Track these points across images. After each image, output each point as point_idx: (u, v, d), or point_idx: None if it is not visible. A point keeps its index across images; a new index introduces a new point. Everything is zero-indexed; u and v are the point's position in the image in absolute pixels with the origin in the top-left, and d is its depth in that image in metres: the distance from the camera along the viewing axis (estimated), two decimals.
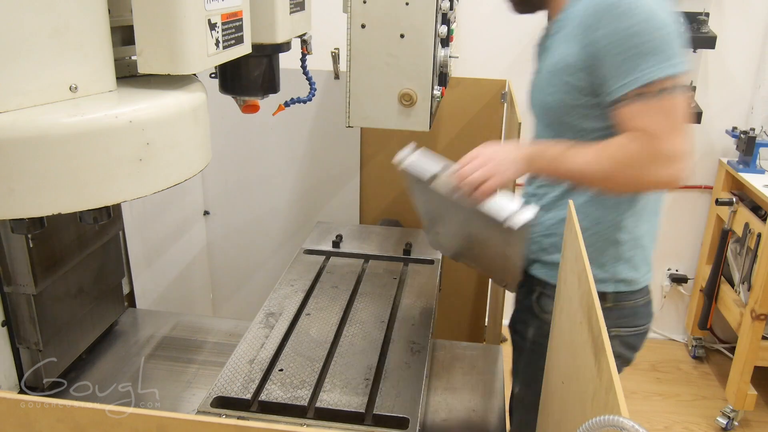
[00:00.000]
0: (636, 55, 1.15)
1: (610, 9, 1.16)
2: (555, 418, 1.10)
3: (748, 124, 2.74)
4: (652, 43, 1.14)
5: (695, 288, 3.01)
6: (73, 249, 1.54)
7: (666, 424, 2.63)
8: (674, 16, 1.18)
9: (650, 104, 1.15)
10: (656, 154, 1.15)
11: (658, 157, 1.15)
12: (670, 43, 1.15)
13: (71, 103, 0.88)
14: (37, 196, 0.84)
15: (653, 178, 1.18)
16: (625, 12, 1.15)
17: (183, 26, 0.94)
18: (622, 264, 1.35)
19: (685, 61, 1.17)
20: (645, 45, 1.14)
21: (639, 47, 1.14)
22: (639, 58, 1.15)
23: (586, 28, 1.21)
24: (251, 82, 1.31)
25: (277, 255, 2.68)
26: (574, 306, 0.97)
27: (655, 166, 1.16)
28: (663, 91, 1.15)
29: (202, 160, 1.05)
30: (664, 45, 1.14)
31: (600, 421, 0.66)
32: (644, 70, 1.15)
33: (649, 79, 1.15)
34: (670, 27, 1.16)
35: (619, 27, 1.16)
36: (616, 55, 1.17)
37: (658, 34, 1.14)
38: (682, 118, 1.17)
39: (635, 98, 1.16)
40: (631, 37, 1.15)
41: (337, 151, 2.46)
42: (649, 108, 1.15)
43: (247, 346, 1.49)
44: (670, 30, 1.15)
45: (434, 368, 1.67)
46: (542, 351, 1.41)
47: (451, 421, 1.49)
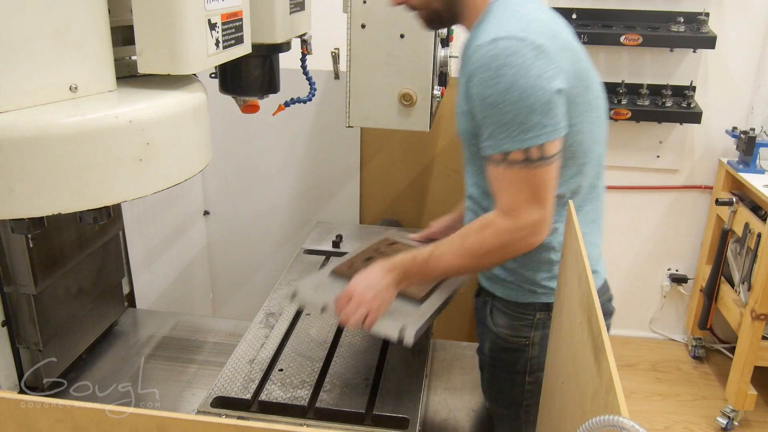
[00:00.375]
0: (494, 123, 1.15)
1: (480, 71, 1.14)
2: (555, 418, 1.10)
3: (748, 124, 2.74)
4: (508, 115, 1.13)
5: (695, 288, 3.01)
6: (73, 249, 1.54)
7: (666, 424, 2.63)
8: (551, 71, 1.13)
9: (506, 174, 1.17)
10: (510, 235, 1.20)
11: (512, 236, 1.20)
12: (530, 115, 1.12)
13: (71, 103, 0.88)
14: (37, 196, 0.84)
15: (512, 253, 1.24)
16: (489, 80, 1.13)
17: (183, 26, 0.94)
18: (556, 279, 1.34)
19: (549, 129, 1.14)
20: (503, 116, 1.14)
21: (497, 117, 1.14)
22: (496, 126, 1.15)
23: (466, 77, 1.21)
24: (251, 82, 1.31)
25: (277, 255, 2.68)
26: (574, 306, 0.97)
27: (512, 245, 1.21)
28: (517, 163, 1.16)
29: (202, 160, 1.05)
30: (520, 117, 1.13)
31: (600, 421, 0.66)
32: (501, 140, 1.15)
33: (504, 150, 1.16)
34: (532, 96, 1.12)
35: (483, 93, 1.15)
36: (482, 117, 1.17)
37: (513, 108, 1.12)
38: (537, 189, 1.17)
39: (495, 163, 1.18)
40: (490, 107, 1.14)
41: (337, 151, 2.46)
42: (504, 177, 1.18)
43: (247, 346, 1.49)
44: (531, 101, 1.12)
45: (434, 368, 1.67)
46: (501, 365, 1.42)
47: (451, 421, 1.49)
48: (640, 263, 3.04)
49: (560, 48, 1.16)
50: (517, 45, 1.12)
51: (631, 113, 2.59)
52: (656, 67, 2.69)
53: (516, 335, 1.37)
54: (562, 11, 2.60)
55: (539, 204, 1.18)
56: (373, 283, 1.26)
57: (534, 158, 1.15)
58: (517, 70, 1.11)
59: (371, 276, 1.27)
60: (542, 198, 1.18)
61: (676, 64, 2.68)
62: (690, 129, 2.77)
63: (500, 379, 1.44)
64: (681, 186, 2.90)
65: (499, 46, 1.12)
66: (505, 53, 1.12)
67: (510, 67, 1.11)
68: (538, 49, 1.12)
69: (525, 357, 1.37)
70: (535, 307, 1.34)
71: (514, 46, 1.12)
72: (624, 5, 2.60)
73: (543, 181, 1.17)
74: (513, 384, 1.40)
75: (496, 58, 1.12)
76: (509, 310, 1.37)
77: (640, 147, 2.80)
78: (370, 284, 1.26)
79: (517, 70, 1.11)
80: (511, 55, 1.11)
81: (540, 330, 1.35)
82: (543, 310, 1.34)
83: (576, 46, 1.22)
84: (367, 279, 1.26)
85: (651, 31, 2.52)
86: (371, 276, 1.27)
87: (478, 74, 1.15)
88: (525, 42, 1.12)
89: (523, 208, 1.18)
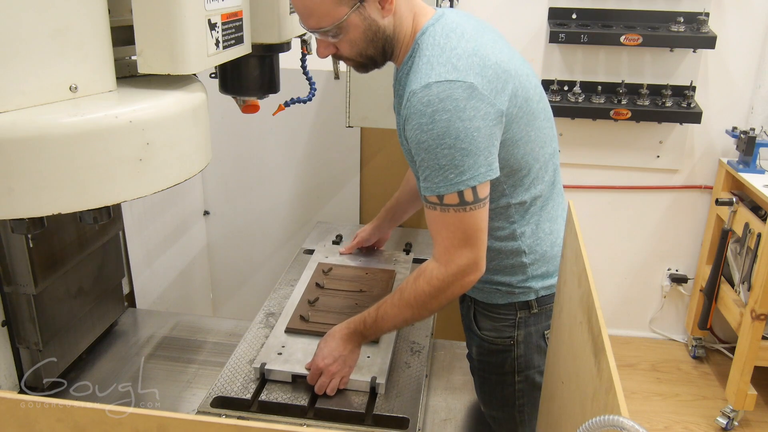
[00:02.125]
0: (430, 167, 1.16)
1: (416, 117, 1.14)
2: (555, 418, 1.10)
3: (748, 124, 2.74)
4: (444, 159, 1.14)
5: (695, 288, 3.01)
6: (73, 249, 1.54)
7: (666, 424, 2.63)
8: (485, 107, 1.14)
9: (441, 217, 1.19)
10: (442, 281, 1.22)
11: (445, 282, 1.22)
12: (465, 158, 1.13)
13: (71, 103, 0.88)
14: (37, 196, 0.84)
15: (449, 297, 1.25)
16: (424, 125, 1.13)
17: (183, 26, 0.94)
18: (532, 280, 1.36)
19: (483, 170, 1.16)
20: (439, 160, 1.14)
21: (433, 161, 1.15)
22: (432, 170, 1.16)
23: (402, 117, 1.20)
24: (251, 82, 1.31)
25: (277, 255, 2.68)
26: (574, 306, 0.97)
27: (445, 290, 1.23)
28: (452, 206, 1.17)
29: (202, 160, 1.05)
30: (456, 161, 1.13)
31: (600, 421, 0.66)
32: (437, 183, 1.16)
33: (439, 193, 1.17)
34: (467, 139, 1.13)
35: (419, 137, 1.15)
36: (418, 159, 1.18)
37: (449, 152, 1.13)
38: (470, 231, 1.19)
39: (431, 205, 1.20)
40: (426, 151, 1.15)
41: (337, 151, 2.46)
42: (439, 220, 1.20)
43: (247, 346, 1.49)
44: (466, 144, 1.13)
45: (434, 368, 1.67)
46: (489, 368, 1.43)
47: (451, 421, 1.49)
48: (640, 263, 3.04)
49: (491, 78, 1.16)
50: (449, 88, 1.12)
51: (631, 113, 2.59)
52: (656, 67, 2.69)
53: (500, 336, 1.39)
54: (562, 11, 2.62)
55: (471, 246, 1.20)
56: (337, 355, 1.32)
57: (468, 201, 1.17)
58: (450, 114, 1.12)
59: (334, 349, 1.33)
60: (474, 240, 1.20)
61: (676, 64, 2.68)
62: (690, 129, 2.77)
63: (491, 381, 1.45)
64: (681, 186, 2.90)
65: (433, 91, 1.13)
66: (438, 98, 1.12)
67: (444, 112, 1.12)
68: (470, 89, 1.13)
69: (512, 357, 1.39)
70: (515, 307, 1.37)
71: (446, 89, 1.12)
72: (624, 5, 2.60)
73: (476, 223, 1.19)
74: (504, 385, 1.42)
75: (430, 104, 1.13)
76: (491, 312, 1.39)
77: (640, 147, 2.80)
78: (335, 357, 1.32)
79: (450, 114, 1.12)
80: (444, 99, 1.12)
81: (523, 329, 1.37)
82: (523, 308, 1.37)
83: (508, 65, 1.21)
84: (332, 353, 1.32)
85: (651, 31, 2.52)
86: (334, 349, 1.33)
87: (413, 119, 1.15)
88: (456, 84, 1.13)
89: (455, 252, 1.21)
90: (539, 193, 1.31)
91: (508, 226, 1.32)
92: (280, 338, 1.46)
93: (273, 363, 1.37)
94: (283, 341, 1.44)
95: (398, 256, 1.88)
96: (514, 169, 1.26)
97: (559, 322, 1.17)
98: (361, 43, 1.21)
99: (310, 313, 1.52)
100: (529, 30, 2.68)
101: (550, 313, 1.38)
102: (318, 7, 1.15)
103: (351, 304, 1.58)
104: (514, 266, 1.35)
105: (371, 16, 1.18)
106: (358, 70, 1.32)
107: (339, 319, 1.51)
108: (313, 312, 1.54)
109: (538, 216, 1.33)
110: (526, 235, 1.33)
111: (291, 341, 1.44)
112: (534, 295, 1.36)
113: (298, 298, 1.62)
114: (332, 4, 1.15)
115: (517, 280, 1.35)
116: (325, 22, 1.16)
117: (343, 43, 1.21)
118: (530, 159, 1.26)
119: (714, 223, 2.84)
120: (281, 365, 1.36)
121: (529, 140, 1.25)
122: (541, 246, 1.35)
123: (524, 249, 1.33)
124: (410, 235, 2.12)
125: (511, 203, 1.30)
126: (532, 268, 1.35)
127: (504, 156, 1.22)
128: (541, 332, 1.37)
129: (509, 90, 1.19)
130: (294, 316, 1.54)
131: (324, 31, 1.18)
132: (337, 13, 1.15)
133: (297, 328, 1.49)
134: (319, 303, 1.58)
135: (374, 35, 1.20)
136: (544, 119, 1.30)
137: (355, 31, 1.19)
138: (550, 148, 1.32)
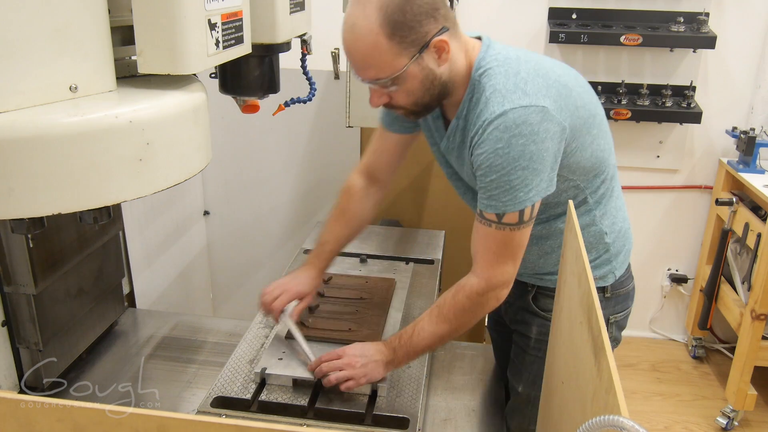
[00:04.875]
0: (497, 188, 1.20)
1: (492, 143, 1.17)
2: (555, 418, 1.10)
3: (748, 124, 2.74)
4: (516, 180, 1.18)
5: (695, 288, 3.01)
6: (73, 249, 1.54)
7: (666, 424, 2.63)
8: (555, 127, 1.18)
9: (495, 234, 1.23)
10: (482, 296, 1.27)
11: (485, 297, 1.27)
12: (535, 178, 1.18)
13: (71, 103, 0.88)
14: (36, 196, 0.84)
15: (484, 312, 1.30)
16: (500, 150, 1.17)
17: (183, 26, 0.94)
18: (615, 258, 1.44)
19: (544, 185, 1.21)
20: (511, 182, 1.18)
21: (502, 182, 1.19)
22: (499, 190, 1.20)
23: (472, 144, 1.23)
24: (251, 82, 1.31)
25: (277, 255, 2.68)
26: (574, 306, 0.97)
27: (483, 304, 1.28)
28: (509, 225, 1.22)
29: (202, 160, 1.05)
30: (527, 181, 1.18)
31: (600, 421, 0.66)
32: (504, 202, 1.20)
33: (501, 211, 1.21)
34: (539, 161, 1.17)
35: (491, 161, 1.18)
36: (487, 180, 1.21)
37: (522, 173, 1.17)
38: (517, 248, 1.25)
39: (487, 222, 1.24)
40: (497, 173, 1.18)
41: (337, 151, 2.46)
42: (491, 235, 1.24)
43: (247, 346, 1.49)
44: (538, 165, 1.18)
45: (434, 368, 1.67)
46: (546, 348, 1.43)
47: (451, 421, 1.49)
48: (640, 263, 3.03)
49: (556, 97, 1.21)
50: (524, 113, 1.16)
51: (631, 113, 2.59)
52: (656, 67, 2.69)
53: None
54: (562, 11, 2.62)
55: (513, 261, 1.26)
56: (366, 354, 1.31)
57: (525, 219, 1.22)
58: (526, 138, 1.16)
59: (367, 348, 1.32)
60: (517, 256, 1.26)
61: (676, 64, 2.67)
62: (690, 129, 2.77)
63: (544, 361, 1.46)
64: (681, 186, 2.90)
65: (509, 118, 1.16)
66: (515, 123, 1.16)
67: (520, 137, 1.16)
68: (542, 112, 1.17)
69: None
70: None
71: (521, 115, 1.16)
72: (624, 5, 2.60)
73: (522, 240, 1.25)
74: None
75: (507, 130, 1.16)
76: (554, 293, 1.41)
77: (640, 147, 2.80)
78: (363, 354, 1.31)
79: (526, 138, 1.16)
80: (521, 125, 1.16)
81: None
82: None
83: (566, 79, 1.26)
84: (363, 348, 1.32)
85: (651, 31, 2.52)
86: (367, 348, 1.32)
87: (487, 145, 1.18)
88: (530, 109, 1.17)
89: (498, 267, 1.26)
90: (609, 177, 1.40)
91: (587, 214, 1.39)
92: (280, 344, 1.46)
93: (273, 368, 1.37)
94: (283, 347, 1.44)
95: (398, 265, 1.88)
96: (587, 169, 1.33)
97: (559, 322, 1.17)
98: (419, 93, 1.22)
99: (310, 319, 1.52)
100: (529, 30, 2.68)
101: (621, 299, 1.48)
102: (377, 60, 1.16)
103: (351, 311, 1.58)
104: (599, 250, 1.42)
105: (429, 66, 1.19)
106: (408, 118, 1.34)
107: (339, 325, 1.50)
108: (313, 318, 1.53)
109: (609, 196, 1.42)
110: (606, 217, 1.41)
111: (291, 347, 1.44)
112: (612, 279, 1.44)
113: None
114: (391, 56, 1.15)
115: (600, 261, 1.42)
116: (383, 73, 1.17)
117: (399, 93, 1.22)
118: (598, 153, 1.33)
119: (714, 223, 2.84)
120: (282, 370, 1.36)
121: (596, 140, 1.32)
122: (617, 223, 1.44)
123: (605, 230, 1.41)
124: (410, 235, 2.12)
125: (587, 194, 1.37)
126: (614, 246, 1.43)
127: (576, 161, 1.29)
128: (607, 317, 1.44)
129: (571, 105, 1.24)
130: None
131: (381, 82, 1.19)
132: (397, 65, 1.16)
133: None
134: (319, 310, 1.57)
135: (431, 84, 1.22)
136: (598, 113, 1.35)
137: (413, 82, 1.20)
138: (608, 135, 1.39)
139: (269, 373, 1.35)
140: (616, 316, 1.49)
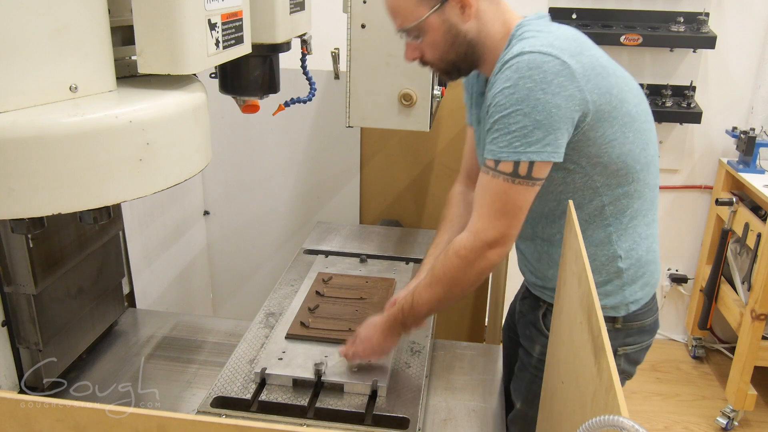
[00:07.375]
0: (499, 130, 1.16)
1: (501, 82, 1.15)
2: (555, 418, 1.10)
3: (748, 124, 2.74)
4: (515, 125, 1.13)
5: (695, 288, 3.01)
6: (73, 249, 1.54)
7: (666, 424, 2.63)
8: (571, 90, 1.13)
9: (490, 182, 1.19)
10: (470, 251, 1.21)
11: (473, 253, 1.21)
12: (534, 130, 1.13)
13: (71, 103, 0.88)
14: (36, 196, 0.84)
15: (479, 272, 1.23)
16: (507, 89, 1.14)
17: (183, 26, 0.94)
18: (629, 287, 1.35)
19: (549, 150, 1.15)
20: (510, 126, 1.14)
21: (502, 124, 1.15)
22: (501, 134, 1.16)
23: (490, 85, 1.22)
24: (251, 82, 1.31)
25: (277, 255, 2.68)
26: (574, 306, 0.97)
27: (475, 261, 1.21)
28: (502, 174, 1.17)
29: (202, 160, 1.05)
30: (525, 130, 1.13)
31: (600, 421, 0.66)
32: (500, 148, 1.16)
33: (497, 157, 1.17)
34: (543, 112, 1.12)
35: (497, 100, 1.15)
36: (490, 120, 1.18)
37: (521, 119, 1.13)
38: (508, 205, 1.18)
39: (486, 169, 1.20)
40: (500, 113, 1.15)
41: (337, 151, 2.45)
42: (486, 184, 1.20)
43: (247, 346, 1.49)
44: (541, 116, 1.12)
45: (434, 368, 1.67)
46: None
47: (451, 421, 1.49)
48: None
49: (586, 66, 1.16)
50: (541, 59, 1.13)
51: None
52: (656, 67, 2.69)
53: None
54: (562, 11, 2.62)
55: (505, 220, 1.19)
56: (377, 330, 1.33)
57: (521, 174, 1.16)
58: (535, 84, 1.12)
59: (375, 325, 1.34)
60: (511, 215, 1.19)
61: (676, 64, 2.68)
62: (690, 129, 2.77)
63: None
64: (681, 186, 2.90)
65: (524, 59, 1.13)
66: (528, 66, 1.13)
67: (529, 80, 1.12)
68: (562, 66, 1.13)
69: None
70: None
71: (537, 60, 1.13)
72: (624, 5, 2.60)
73: (518, 199, 1.18)
74: None
75: (517, 71, 1.13)
76: None
77: None
78: (374, 330, 1.33)
79: (535, 84, 1.12)
80: (533, 68, 1.12)
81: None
82: (607, 321, 1.34)
83: (605, 62, 1.22)
84: (371, 326, 1.34)
85: (651, 31, 2.52)
86: (375, 325, 1.34)
87: (499, 84, 1.16)
88: (548, 57, 1.13)
89: (488, 222, 1.20)
90: (638, 195, 1.30)
91: (603, 229, 1.31)
92: (280, 344, 1.46)
93: (273, 368, 1.37)
94: (283, 347, 1.44)
95: (398, 265, 1.88)
96: (610, 168, 1.25)
97: (559, 322, 1.17)
98: (443, 47, 1.24)
99: (310, 319, 1.52)
100: None
101: (633, 332, 1.38)
102: (402, 8, 1.22)
103: (351, 311, 1.58)
104: (609, 273, 1.33)
105: (451, 20, 1.21)
106: (443, 78, 1.36)
107: (340, 325, 1.51)
108: (313, 318, 1.54)
109: (634, 217, 1.32)
110: (623, 239, 1.31)
111: (291, 347, 1.44)
112: (624, 311, 1.35)
113: (298, 306, 1.62)
114: (413, 5, 1.21)
115: (610, 289, 1.34)
116: (407, 21, 1.23)
117: (425, 46, 1.25)
118: (629, 160, 1.26)
119: (714, 223, 2.85)
120: (282, 370, 1.36)
121: (627, 141, 1.24)
122: (637, 250, 1.33)
123: (620, 254, 1.32)
124: (410, 235, 2.12)
125: (605, 204, 1.29)
126: (627, 274, 1.33)
127: (597, 153, 1.22)
128: (615, 348, 1.36)
129: (604, 85, 1.18)
130: (294, 322, 1.54)
131: (406, 30, 1.24)
132: (418, 13, 1.21)
133: (297, 334, 1.49)
134: (319, 310, 1.57)
135: (455, 39, 1.23)
136: (645, 121, 1.29)
137: (436, 34, 1.23)
138: (652, 149, 1.31)
139: (269, 373, 1.35)
140: (626, 348, 1.40)
